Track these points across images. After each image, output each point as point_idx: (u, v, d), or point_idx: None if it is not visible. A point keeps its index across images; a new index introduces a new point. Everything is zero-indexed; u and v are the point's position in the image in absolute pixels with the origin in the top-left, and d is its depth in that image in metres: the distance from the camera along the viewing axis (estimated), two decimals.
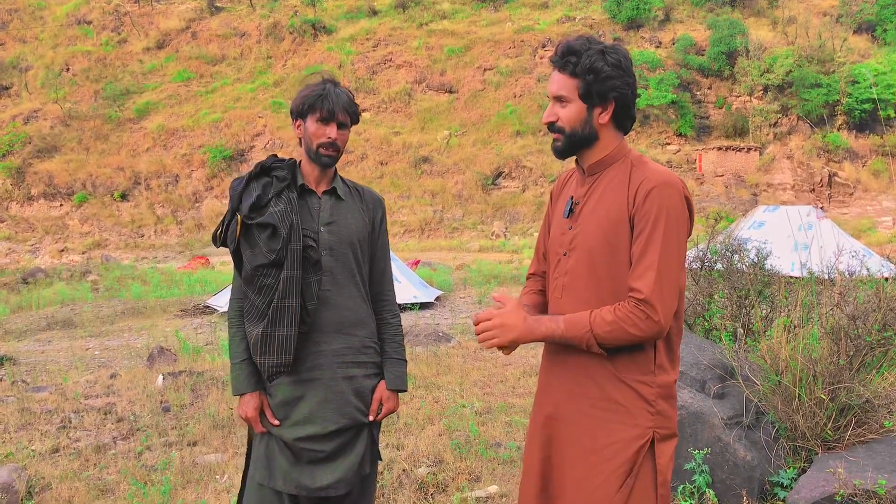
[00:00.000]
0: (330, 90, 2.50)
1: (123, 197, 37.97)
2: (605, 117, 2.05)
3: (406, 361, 2.71)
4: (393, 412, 2.65)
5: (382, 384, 2.61)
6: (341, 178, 2.65)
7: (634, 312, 1.90)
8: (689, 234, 2.02)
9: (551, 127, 2.11)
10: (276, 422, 2.48)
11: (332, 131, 2.49)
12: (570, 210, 2.14)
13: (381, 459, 2.72)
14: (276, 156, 2.58)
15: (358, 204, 2.64)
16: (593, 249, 2.03)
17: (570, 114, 2.06)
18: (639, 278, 1.92)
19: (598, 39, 2.07)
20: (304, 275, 2.42)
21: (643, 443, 1.98)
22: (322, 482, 2.45)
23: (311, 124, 2.49)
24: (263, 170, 2.53)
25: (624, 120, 2.09)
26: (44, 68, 45.37)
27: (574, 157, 2.18)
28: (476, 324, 2.05)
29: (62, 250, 35.12)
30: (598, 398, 2.03)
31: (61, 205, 37.89)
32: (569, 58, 2.04)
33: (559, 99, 2.08)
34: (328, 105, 2.47)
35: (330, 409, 2.47)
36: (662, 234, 1.92)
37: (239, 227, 2.43)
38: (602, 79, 2.01)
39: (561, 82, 2.06)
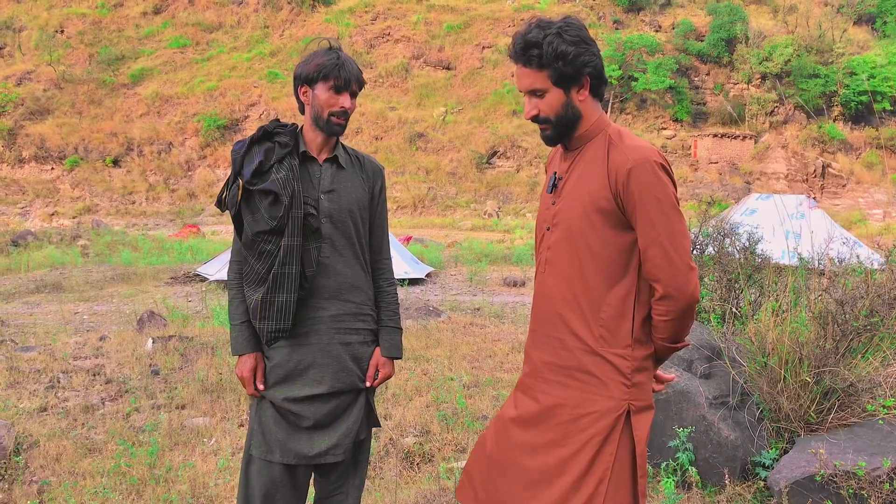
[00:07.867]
0: (345, 59, 2.47)
1: (115, 163, 37.73)
2: (583, 94, 2.06)
3: (401, 329, 2.72)
4: (389, 378, 2.67)
5: (378, 351, 2.63)
6: (342, 146, 2.63)
7: (663, 306, 2.00)
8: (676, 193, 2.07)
9: (536, 119, 2.10)
10: (262, 386, 2.50)
11: (345, 100, 2.47)
12: (554, 185, 2.16)
13: (378, 426, 2.73)
14: (278, 120, 2.56)
15: (358, 173, 2.63)
16: (574, 225, 2.05)
17: (551, 102, 2.06)
18: (653, 269, 1.99)
19: (546, 19, 2.04)
20: (304, 242, 2.43)
21: (618, 414, 2.01)
22: (319, 448, 2.47)
23: (322, 92, 2.46)
24: (265, 134, 2.50)
25: (599, 87, 2.10)
26: (38, 29, 44.81)
27: None
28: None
29: (52, 214, 34.99)
30: (574, 369, 2.06)
31: (53, 168, 37.63)
32: (531, 52, 2.02)
33: (534, 93, 2.07)
34: (344, 74, 2.44)
35: (327, 372, 2.49)
36: (657, 213, 1.95)
37: (240, 193, 2.42)
38: (570, 61, 2.00)
39: (531, 77, 2.05)
